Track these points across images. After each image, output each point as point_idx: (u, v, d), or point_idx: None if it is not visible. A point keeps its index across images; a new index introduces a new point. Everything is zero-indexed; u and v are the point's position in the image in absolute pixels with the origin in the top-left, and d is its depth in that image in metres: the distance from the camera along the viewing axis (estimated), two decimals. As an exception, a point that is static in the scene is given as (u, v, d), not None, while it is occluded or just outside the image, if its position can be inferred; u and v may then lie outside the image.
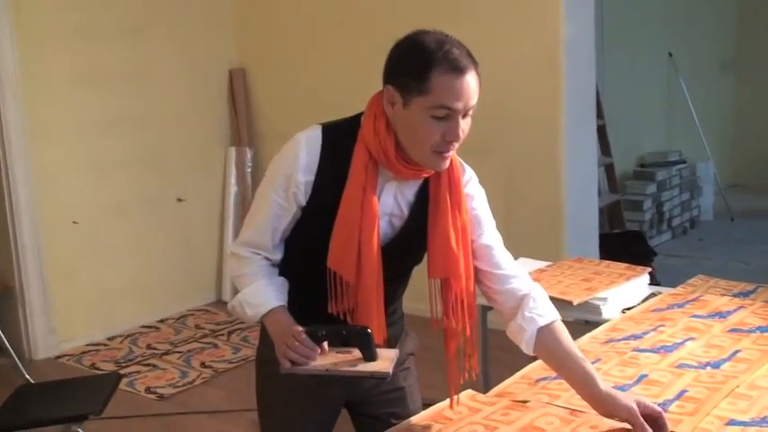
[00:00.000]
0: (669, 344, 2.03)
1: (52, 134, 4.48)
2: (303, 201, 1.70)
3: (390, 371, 1.62)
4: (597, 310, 2.51)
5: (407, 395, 1.93)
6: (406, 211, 1.74)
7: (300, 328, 1.63)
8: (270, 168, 1.76)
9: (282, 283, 1.78)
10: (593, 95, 4.26)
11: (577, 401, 1.68)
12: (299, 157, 1.68)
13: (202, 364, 4.24)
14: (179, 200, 5.10)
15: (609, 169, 5.92)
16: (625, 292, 2.62)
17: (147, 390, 3.94)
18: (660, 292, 2.62)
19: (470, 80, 1.57)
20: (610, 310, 2.51)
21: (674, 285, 2.72)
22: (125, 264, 4.85)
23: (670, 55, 7.26)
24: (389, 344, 1.77)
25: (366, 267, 1.67)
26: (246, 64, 5.44)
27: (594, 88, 4.27)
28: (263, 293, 1.74)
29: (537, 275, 2.78)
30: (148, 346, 4.55)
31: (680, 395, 1.71)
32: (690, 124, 7.30)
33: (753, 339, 2.03)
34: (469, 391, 1.80)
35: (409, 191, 1.74)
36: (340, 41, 4.92)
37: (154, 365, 4.26)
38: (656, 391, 1.75)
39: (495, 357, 2.81)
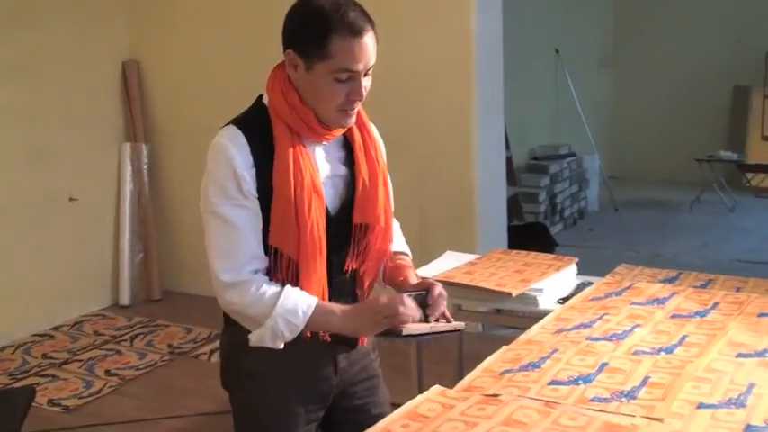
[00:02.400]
0: (619, 332, 2.06)
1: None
2: (255, 192, 1.66)
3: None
4: (534, 300, 2.55)
5: (380, 383, 1.95)
6: (344, 167, 1.77)
7: (401, 295, 1.71)
8: (210, 187, 1.67)
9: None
10: (500, 87, 4.30)
11: (548, 393, 1.68)
12: (233, 155, 1.63)
13: (107, 372, 4.01)
14: (71, 199, 4.80)
15: (507, 162, 6.03)
16: (557, 282, 2.67)
17: (50, 402, 3.69)
18: (590, 282, 2.67)
19: (368, 41, 1.59)
20: (546, 301, 2.55)
21: (582, 274, 2.79)
22: (13, 268, 4.52)
23: (557, 51, 7.49)
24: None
25: (305, 238, 1.66)
26: (140, 56, 5.19)
27: (502, 80, 4.32)
28: (296, 296, 1.68)
29: (469, 268, 2.79)
30: (44, 356, 4.27)
31: (645, 381, 1.74)
32: (575, 118, 7.56)
33: (695, 324, 2.09)
34: (437, 387, 1.75)
35: (335, 149, 1.77)
36: (239, 32, 4.76)
37: (53, 376, 4.00)
38: (621, 378, 1.76)
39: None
